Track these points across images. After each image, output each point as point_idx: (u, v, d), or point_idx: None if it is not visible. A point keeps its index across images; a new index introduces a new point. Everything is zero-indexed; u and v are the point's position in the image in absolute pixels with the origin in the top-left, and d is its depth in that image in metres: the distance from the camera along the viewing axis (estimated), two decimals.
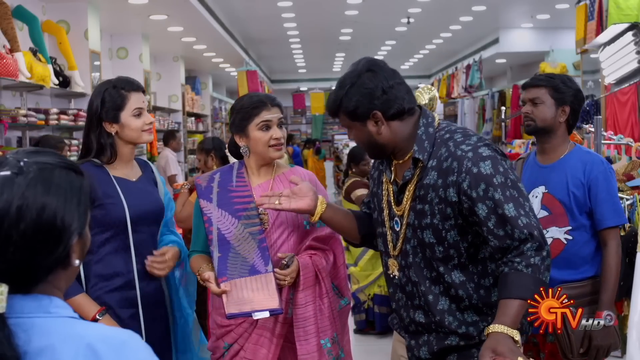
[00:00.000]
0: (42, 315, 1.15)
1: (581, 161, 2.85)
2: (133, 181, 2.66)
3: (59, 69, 6.70)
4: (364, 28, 13.38)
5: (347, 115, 2.21)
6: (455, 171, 2.06)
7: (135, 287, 2.58)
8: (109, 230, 2.54)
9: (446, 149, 2.12)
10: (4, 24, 5.41)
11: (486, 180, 2.03)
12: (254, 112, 2.60)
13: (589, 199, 2.81)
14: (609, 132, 5.14)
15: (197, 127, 14.63)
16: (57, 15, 7.23)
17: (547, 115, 2.87)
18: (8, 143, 6.03)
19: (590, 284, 2.83)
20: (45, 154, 1.23)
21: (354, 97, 2.18)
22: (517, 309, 1.97)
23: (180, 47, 11.99)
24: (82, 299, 2.46)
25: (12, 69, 5.25)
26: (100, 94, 2.60)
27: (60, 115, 6.44)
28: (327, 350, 2.58)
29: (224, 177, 2.67)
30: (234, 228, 2.55)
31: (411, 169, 2.18)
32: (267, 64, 19.81)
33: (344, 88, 2.22)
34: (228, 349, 2.58)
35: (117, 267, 2.56)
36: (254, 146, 2.62)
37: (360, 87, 2.17)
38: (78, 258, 1.22)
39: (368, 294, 5.84)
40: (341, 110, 2.23)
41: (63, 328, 1.15)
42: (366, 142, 2.23)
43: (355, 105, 2.17)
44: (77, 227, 1.20)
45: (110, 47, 9.92)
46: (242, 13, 11.55)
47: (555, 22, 12.66)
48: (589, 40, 7.15)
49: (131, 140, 2.63)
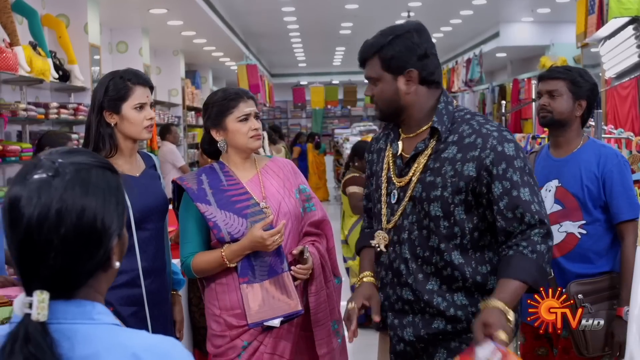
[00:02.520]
0: (85, 322, 1.12)
1: (595, 154, 2.81)
2: (136, 177, 2.60)
3: (59, 63, 6.69)
4: (364, 22, 13.35)
5: (382, 63, 2.17)
6: (479, 147, 2.09)
7: (140, 285, 2.52)
8: None
9: (469, 127, 2.14)
10: (3, 18, 5.39)
11: (507, 160, 2.06)
12: (231, 105, 2.58)
13: (603, 193, 2.77)
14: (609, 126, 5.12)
15: (197, 121, 14.62)
16: (56, 9, 7.22)
17: (564, 108, 2.83)
18: (8, 137, 6.02)
19: (609, 279, 2.79)
20: (80, 154, 1.19)
21: (397, 47, 2.15)
22: (516, 290, 2.00)
23: (180, 41, 11.98)
24: None
25: (11, 63, 5.24)
26: (105, 82, 2.56)
27: (60, 110, 6.43)
28: (335, 332, 2.66)
29: (211, 177, 2.62)
30: (244, 229, 2.52)
31: (426, 140, 2.17)
32: (267, 58, 19.79)
33: (386, 37, 2.17)
34: (247, 348, 2.55)
35: (121, 265, 2.51)
36: (233, 138, 2.60)
37: (406, 40, 2.15)
38: (118, 260, 1.20)
39: None
40: (377, 56, 2.17)
41: (107, 336, 1.12)
42: (389, 99, 2.20)
43: (396, 55, 2.14)
44: (117, 228, 1.16)
45: (110, 41, 9.91)
46: (242, 7, 11.53)
47: (555, 16, 12.64)
48: (590, 34, 7.13)
49: (130, 134, 2.57)
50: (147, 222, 2.56)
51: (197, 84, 15.08)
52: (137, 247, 2.52)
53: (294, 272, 2.54)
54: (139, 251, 2.52)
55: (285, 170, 2.72)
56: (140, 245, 2.53)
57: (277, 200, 2.61)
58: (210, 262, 2.55)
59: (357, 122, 20.91)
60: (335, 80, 23.27)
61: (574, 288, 2.74)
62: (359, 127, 16.05)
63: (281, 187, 2.65)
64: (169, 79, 12.60)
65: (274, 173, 2.69)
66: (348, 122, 24.70)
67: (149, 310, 2.54)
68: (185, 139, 12.99)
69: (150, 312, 2.55)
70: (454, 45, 17.61)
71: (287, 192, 2.65)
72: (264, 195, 2.61)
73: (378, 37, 2.19)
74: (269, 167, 2.70)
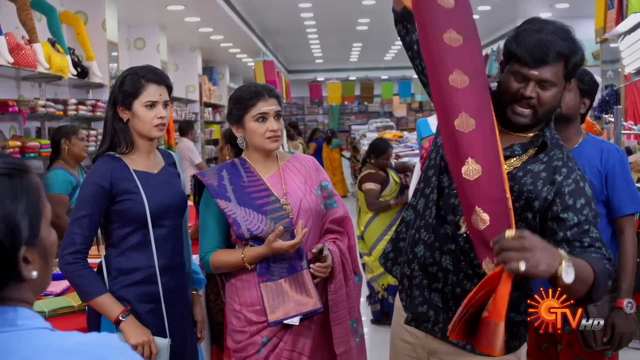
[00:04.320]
0: (7, 330, 1.04)
1: (597, 150, 2.84)
2: (154, 174, 2.59)
3: (77, 59, 6.73)
4: (381, 18, 13.30)
5: (566, 69, 1.98)
6: (564, 175, 2.00)
7: (156, 282, 2.52)
8: (129, 226, 2.50)
9: (560, 152, 2.05)
10: (22, 15, 5.44)
11: (587, 200, 1.97)
12: (250, 103, 2.56)
13: (605, 188, 2.80)
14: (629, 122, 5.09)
15: (214, 118, 14.67)
16: (75, 6, 7.27)
17: (571, 103, 2.85)
18: (27, 133, 6.07)
19: None
20: None
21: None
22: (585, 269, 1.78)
23: (197, 37, 12.01)
24: (106, 299, 2.43)
25: (31, 60, 5.29)
26: (121, 77, 2.56)
27: (79, 106, 6.48)
28: (354, 331, 2.65)
29: (231, 173, 2.62)
30: (264, 225, 2.52)
31: (524, 145, 2.05)
32: (284, 54, 19.79)
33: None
34: (266, 344, 2.55)
35: (137, 261, 2.51)
36: (250, 137, 2.60)
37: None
38: (36, 269, 1.09)
39: (382, 284, 5.84)
40: (564, 61, 1.97)
41: (34, 341, 1.04)
42: (555, 105, 2.03)
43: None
44: (24, 237, 1.07)
45: (128, 38, 9.96)
46: (259, 3, 11.54)
47: (574, 11, 12.53)
48: (609, 29, 7.06)
49: (140, 132, 2.55)
50: (164, 219, 2.55)
51: (214, 80, 15.12)
52: (153, 244, 2.52)
53: (313, 270, 2.54)
54: (155, 248, 2.52)
55: (307, 167, 2.71)
56: (157, 242, 2.52)
57: (298, 197, 2.60)
58: (230, 263, 2.56)
59: (374, 118, 20.86)
60: (352, 77, 23.23)
61: None
62: (376, 123, 16.03)
63: (302, 184, 2.65)
64: (186, 76, 12.65)
65: (296, 169, 2.68)
66: (365, 118, 24.65)
67: (165, 307, 2.54)
68: (202, 136, 13.03)
69: (167, 310, 2.55)
70: None
71: (308, 189, 2.65)
72: (285, 191, 2.60)
73: (567, 38, 1.98)
74: (290, 164, 2.70)
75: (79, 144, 4.79)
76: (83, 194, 2.48)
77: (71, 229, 2.45)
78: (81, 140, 4.82)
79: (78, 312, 2.90)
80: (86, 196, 2.46)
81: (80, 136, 4.83)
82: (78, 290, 2.49)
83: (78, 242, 2.44)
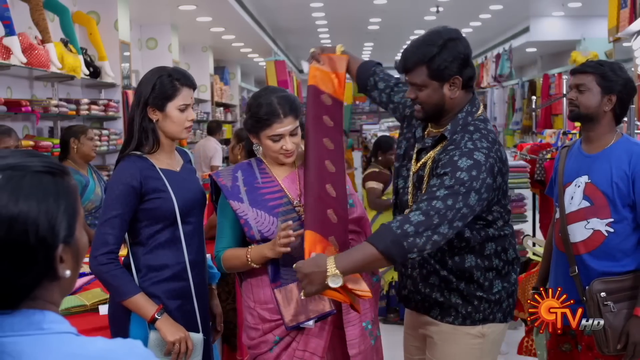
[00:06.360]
0: (33, 333, 1.04)
1: (627, 152, 2.75)
2: (177, 171, 2.63)
3: (90, 59, 6.76)
4: (392, 17, 13.31)
5: (430, 72, 2.32)
6: (447, 152, 2.31)
7: (187, 279, 2.55)
8: (158, 223, 2.52)
9: (461, 137, 2.33)
10: (35, 15, 5.47)
11: (453, 169, 2.23)
12: (265, 123, 2.52)
13: (632, 192, 2.71)
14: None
15: (225, 117, 14.70)
16: (87, 6, 7.30)
17: (590, 103, 2.79)
18: (40, 133, 6.11)
19: (632, 278, 2.73)
20: (15, 156, 1.09)
21: (447, 58, 2.31)
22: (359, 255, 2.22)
23: (209, 37, 12.05)
24: (141, 298, 2.44)
25: (43, 60, 5.31)
26: (153, 79, 2.55)
27: (91, 106, 6.51)
28: (368, 332, 2.61)
29: (246, 174, 2.61)
30: (274, 227, 2.50)
31: (434, 138, 2.42)
32: (295, 54, 19.82)
33: (433, 46, 2.32)
34: (278, 343, 2.54)
35: (166, 258, 2.53)
36: (265, 150, 2.60)
37: (452, 50, 2.31)
38: (70, 268, 1.10)
39: (387, 280, 5.82)
40: (426, 66, 2.32)
41: (58, 346, 1.04)
42: (435, 103, 2.37)
43: (446, 66, 2.31)
44: (62, 236, 1.08)
45: (140, 38, 9.99)
46: (270, 3, 11.56)
47: (587, 10, 12.48)
48: (622, 28, 7.02)
49: (170, 133, 2.57)
50: (190, 216, 2.59)
51: (225, 80, 15.16)
52: (183, 241, 2.55)
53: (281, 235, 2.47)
54: (185, 244, 2.56)
55: None
56: (185, 238, 2.56)
57: None
58: (237, 261, 2.56)
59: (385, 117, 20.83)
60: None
61: (597, 286, 2.70)
62: (388, 122, 15.96)
63: None
64: (198, 75, 12.66)
65: None
66: (376, 117, 24.60)
67: (197, 303, 2.58)
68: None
69: (198, 305, 2.59)
70: (484, 41, 17.47)
71: None
72: (300, 192, 2.59)
73: (423, 46, 2.34)
74: None
75: (88, 143, 4.80)
76: (113, 193, 2.48)
77: (103, 229, 2.46)
78: (90, 140, 4.83)
79: (90, 310, 2.92)
80: (117, 196, 2.47)
81: (89, 136, 4.83)
82: (113, 290, 2.49)
83: (111, 242, 2.45)
